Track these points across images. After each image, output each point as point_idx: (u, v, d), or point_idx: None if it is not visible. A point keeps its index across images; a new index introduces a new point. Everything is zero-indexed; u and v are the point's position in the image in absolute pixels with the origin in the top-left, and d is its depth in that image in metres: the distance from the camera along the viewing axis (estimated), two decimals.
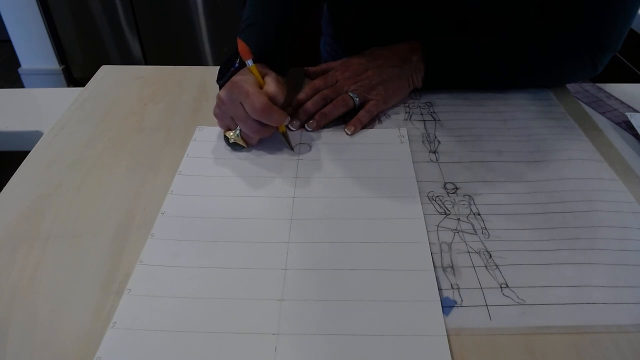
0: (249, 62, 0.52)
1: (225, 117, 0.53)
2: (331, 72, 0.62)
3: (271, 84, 0.52)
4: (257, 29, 0.60)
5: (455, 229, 0.45)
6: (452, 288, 0.39)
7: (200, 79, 0.68)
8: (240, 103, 0.50)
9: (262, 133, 0.53)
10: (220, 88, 0.56)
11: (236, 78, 0.52)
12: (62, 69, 2.21)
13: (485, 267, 0.41)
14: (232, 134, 0.53)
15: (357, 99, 0.59)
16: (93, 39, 2.11)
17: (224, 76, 0.57)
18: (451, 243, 0.43)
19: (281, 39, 0.62)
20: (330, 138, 0.56)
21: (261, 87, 0.52)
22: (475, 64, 0.63)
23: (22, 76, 2.24)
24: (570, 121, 0.60)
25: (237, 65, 0.55)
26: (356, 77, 0.61)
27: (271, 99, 0.51)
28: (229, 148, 0.54)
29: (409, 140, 0.56)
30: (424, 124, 0.59)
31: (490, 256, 0.42)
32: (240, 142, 0.53)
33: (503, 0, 0.64)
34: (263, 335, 0.36)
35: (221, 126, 0.55)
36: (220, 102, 0.53)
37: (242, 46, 0.51)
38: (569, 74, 0.65)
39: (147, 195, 0.48)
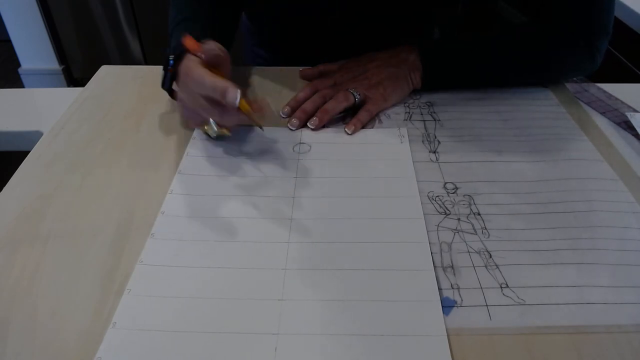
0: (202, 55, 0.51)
1: (193, 114, 0.53)
2: (329, 74, 0.63)
3: (209, 42, 0.52)
4: (190, 24, 0.60)
5: (455, 229, 0.45)
6: (452, 288, 0.39)
7: None
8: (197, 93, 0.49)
9: (229, 117, 0.50)
10: (170, 93, 0.55)
11: (181, 71, 0.51)
12: (62, 69, 2.21)
13: (485, 267, 0.41)
14: (207, 128, 0.53)
15: (358, 95, 0.59)
16: (93, 39, 2.11)
17: (165, 79, 0.54)
18: (451, 243, 0.43)
19: (217, 31, 0.61)
20: (330, 138, 0.56)
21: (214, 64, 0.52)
22: (472, 61, 0.63)
23: (22, 76, 2.24)
24: (570, 121, 0.60)
25: (172, 62, 0.52)
26: (355, 78, 0.61)
27: (213, 52, 0.51)
28: (218, 141, 0.54)
29: (409, 140, 0.56)
30: (424, 124, 0.59)
31: (490, 256, 0.42)
32: (221, 132, 0.52)
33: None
34: (263, 335, 0.36)
35: (194, 126, 0.56)
36: (181, 102, 0.53)
37: (190, 42, 0.51)
38: (568, 67, 0.65)
39: (147, 195, 0.48)
